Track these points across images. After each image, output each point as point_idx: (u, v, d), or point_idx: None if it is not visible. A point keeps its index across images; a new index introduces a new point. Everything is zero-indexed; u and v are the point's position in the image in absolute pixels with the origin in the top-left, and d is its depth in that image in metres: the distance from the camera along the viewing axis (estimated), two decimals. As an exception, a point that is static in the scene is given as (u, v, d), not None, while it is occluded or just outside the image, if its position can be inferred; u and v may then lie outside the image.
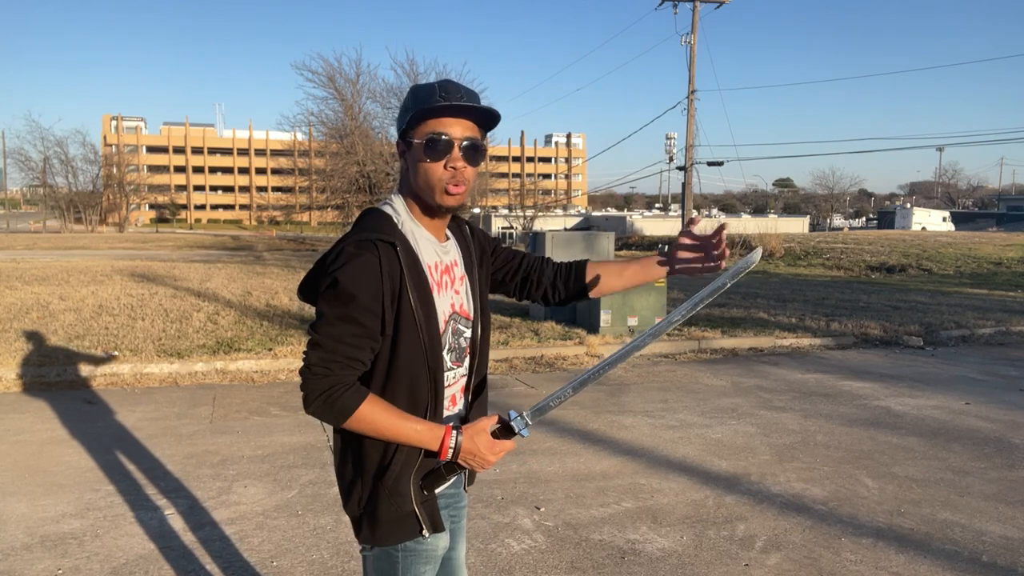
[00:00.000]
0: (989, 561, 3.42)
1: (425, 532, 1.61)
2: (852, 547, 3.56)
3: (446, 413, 1.68)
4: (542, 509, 3.98)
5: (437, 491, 1.66)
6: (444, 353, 1.62)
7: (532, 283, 1.89)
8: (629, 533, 3.70)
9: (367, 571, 1.71)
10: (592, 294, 1.88)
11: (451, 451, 1.55)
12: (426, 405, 1.59)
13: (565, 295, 1.90)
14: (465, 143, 1.54)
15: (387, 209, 1.61)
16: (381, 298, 1.48)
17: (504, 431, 1.59)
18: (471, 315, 1.70)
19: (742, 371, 7.60)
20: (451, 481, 1.66)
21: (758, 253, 1.70)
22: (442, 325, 1.60)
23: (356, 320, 1.47)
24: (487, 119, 1.58)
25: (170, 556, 3.40)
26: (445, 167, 1.53)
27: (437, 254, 1.64)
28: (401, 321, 1.52)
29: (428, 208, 1.60)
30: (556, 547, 3.54)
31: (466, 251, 1.74)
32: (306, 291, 1.69)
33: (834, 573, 3.30)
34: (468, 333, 1.70)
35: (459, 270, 1.69)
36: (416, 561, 1.64)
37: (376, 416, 1.50)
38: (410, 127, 1.54)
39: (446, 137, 1.52)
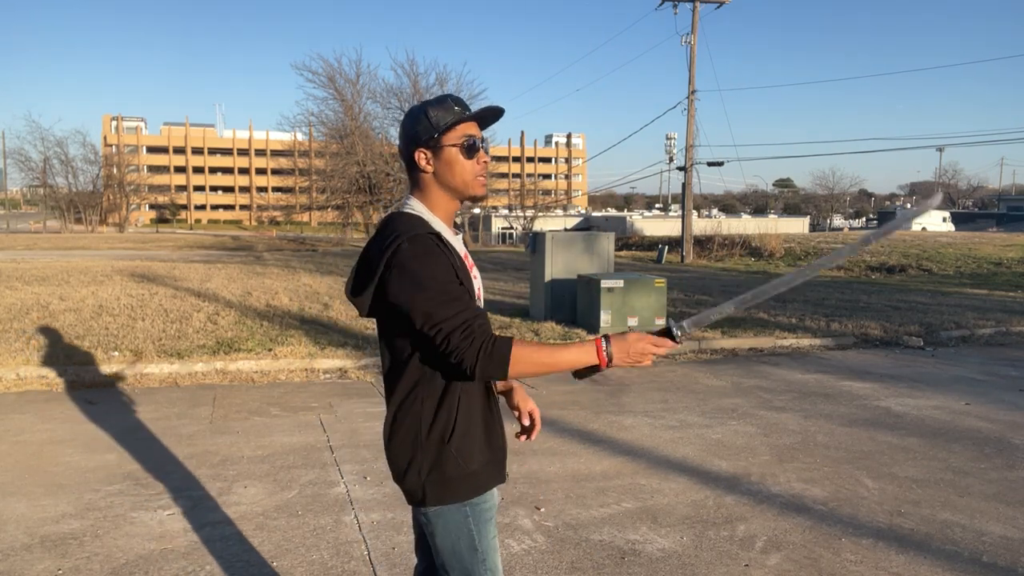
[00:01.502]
0: (989, 561, 3.42)
1: (494, 485, 1.83)
2: (852, 547, 3.56)
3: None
4: (542, 509, 3.98)
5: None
6: None
7: None
8: (629, 533, 3.70)
9: (435, 543, 1.82)
10: None
11: (608, 359, 1.72)
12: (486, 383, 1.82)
13: None
14: (485, 142, 1.86)
15: (415, 212, 1.81)
16: (456, 276, 1.69)
17: (663, 334, 1.78)
18: (481, 301, 1.91)
19: (742, 371, 7.60)
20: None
21: (937, 198, 1.93)
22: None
23: (457, 295, 1.67)
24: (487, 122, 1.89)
25: (170, 556, 3.40)
26: (478, 162, 1.82)
27: (459, 245, 1.86)
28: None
29: (457, 202, 1.85)
30: (556, 547, 3.54)
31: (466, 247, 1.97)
32: (359, 291, 1.79)
33: (834, 573, 3.30)
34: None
35: (470, 260, 1.90)
36: (482, 518, 1.81)
37: (530, 352, 1.67)
38: (443, 133, 1.78)
39: (476, 138, 1.81)
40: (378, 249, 1.71)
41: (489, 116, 1.85)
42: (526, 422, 2.06)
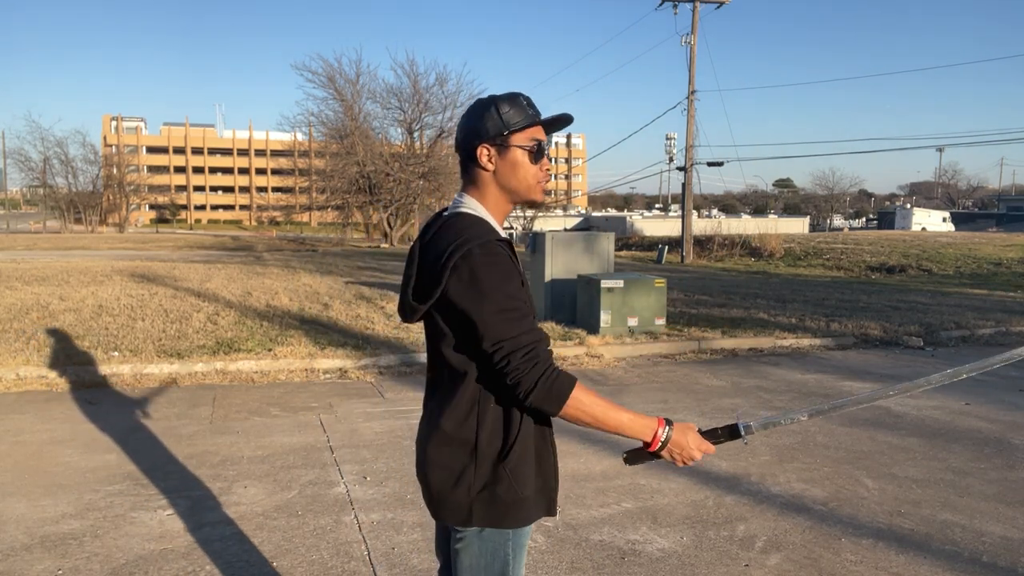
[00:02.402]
0: (989, 562, 3.42)
1: (541, 516, 1.77)
2: (852, 547, 3.56)
3: None
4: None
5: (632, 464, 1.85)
6: None
7: None
8: (629, 533, 3.70)
9: (462, 560, 1.73)
10: None
11: (661, 443, 1.69)
12: None
13: None
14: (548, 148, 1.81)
15: (477, 214, 1.73)
16: (526, 289, 1.67)
17: (727, 433, 1.78)
18: None
19: (742, 371, 7.60)
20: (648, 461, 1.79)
21: None
22: None
23: (526, 314, 1.62)
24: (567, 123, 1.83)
25: (170, 556, 3.40)
26: (541, 169, 1.75)
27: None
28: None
29: (515, 204, 1.79)
30: (556, 547, 3.54)
31: None
32: (423, 298, 1.71)
33: (834, 573, 3.30)
34: None
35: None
36: (521, 546, 1.75)
37: (588, 401, 1.64)
38: (513, 133, 1.71)
39: (543, 144, 1.75)
40: (444, 252, 1.61)
41: (560, 123, 1.76)
42: None
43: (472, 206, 1.72)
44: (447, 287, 1.60)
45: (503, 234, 1.72)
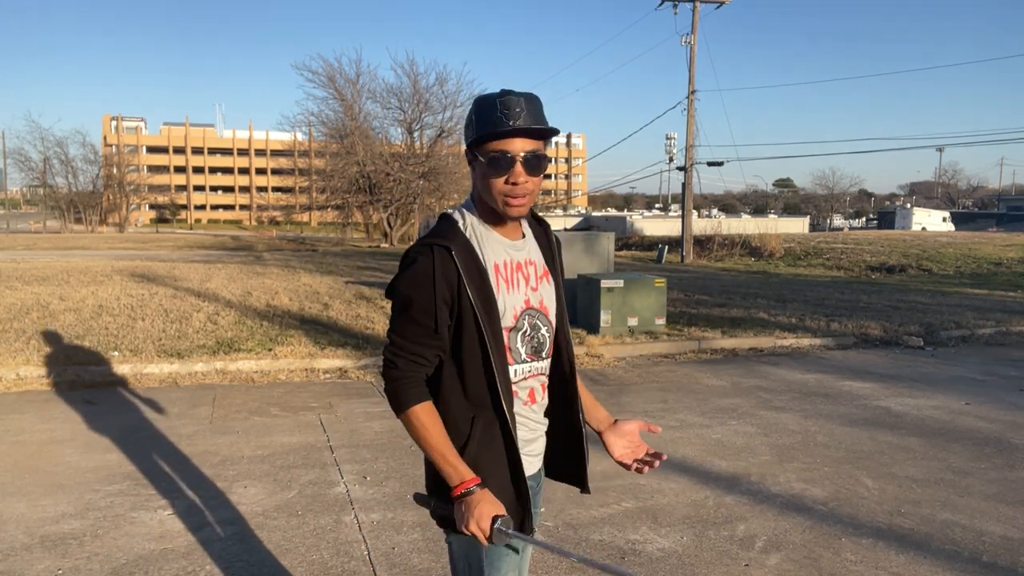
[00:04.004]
0: (989, 561, 3.42)
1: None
2: (852, 547, 3.56)
3: (525, 407, 1.76)
4: (542, 510, 3.98)
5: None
6: (518, 346, 1.72)
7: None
8: (629, 533, 3.70)
9: (455, 558, 1.76)
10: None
11: (462, 493, 1.61)
12: (496, 395, 1.68)
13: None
14: (526, 157, 1.62)
15: (456, 215, 1.74)
16: (434, 299, 1.63)
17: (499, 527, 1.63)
18: (550, 311, 1.80)
19: (742, 371, 7.60)
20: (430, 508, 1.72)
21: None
22: (511, 320, 1.70)
23: (414, 320, 1.65)
24: (549, 132, 1.67)
25: (170, 556, 3.40)
26: (506, 181, 1.63)
27: (508, 252, 1.73)
28: (463, 317, 1.65)
29: (494, 215, 1.71)
30: (556, 547, 3.53)
31: (548, 251, 1.84)
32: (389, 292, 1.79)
33: (834, 573, 3.30)
34: (545, 329, 1.78)
35: (538, 268, 1.79)
36: (497, 553, 1.69)
37: (425, 422, 1.64)
38: (477, 142, 1.64)
39: (509, 155, 1.61)
40: (403, 256, 1.73)
41: (540, 134, 1.63)
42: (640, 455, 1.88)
43: (463, 211, 1.74)
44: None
45: (487, 239, 1.70)
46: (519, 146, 1.61)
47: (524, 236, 1.79)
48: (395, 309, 1.68)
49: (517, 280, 1.72)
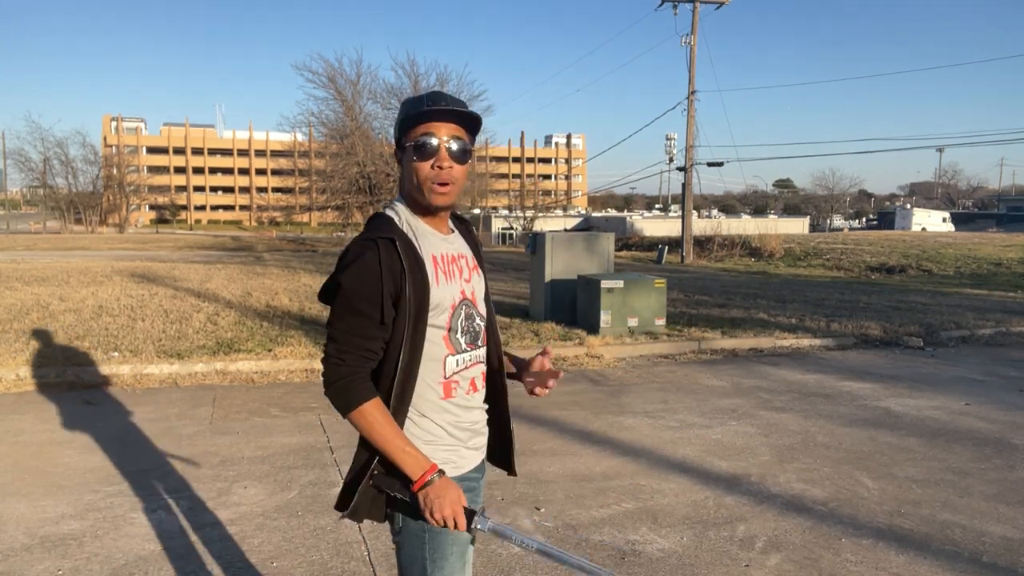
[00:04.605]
0: (989, 562, 3.41)
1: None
2: (852, 548, 3.55)
3: (467, 396, 1.78)
4: (542, 510, 3.98)
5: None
6: (458, 336, 1.75)
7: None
8: (629, 534, 3.69)
9: (399, 559, 1.75)
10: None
11: (425, 484, 1.62)
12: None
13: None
14: (451, 143, 1.67)
15: (389, 212, 1.76)
16: (381, 290, 1.62)
17: (467, 515, 1.63)
18: (479, 303, 1.84)
19: (742, 372, 7.60)
20: (392, 495, 1.69)
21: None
22: (449, 311, 1.73)
23: (362, 312, 1.63)
24: (472, 122, 1.72)
25: (170, 557, 3.40)
26: (432, 167, 1.67)
27: (442, 245, 1.77)
28: (406, 308, 1.65)
29: (423, 208, 1.73)
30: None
31: (474, 247, 1.89)
32: (325, 294, 1.76)
33: (834, 573, 3.30)
34: (479, 319, 1.82)
35: (469, 261, 1.83)
36: (443, 541, 1.71)
37: (379, 418, 1.63)
38: (403, 133, 1.69)
39: (435, 139, 1.66)
40: (342, 254, 1.70)
41: (468, 119, 1.68)
42: (536, 368, 1.89)
43: (397, 208, 1.76)
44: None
45: (422, 232, 1.72)
46: (444, 131, 1.67)
47: (453, 231, 1.84)
48: (338, 305, 1.65)
49: (453, 272, 1.75)
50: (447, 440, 1.75)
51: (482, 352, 1.83)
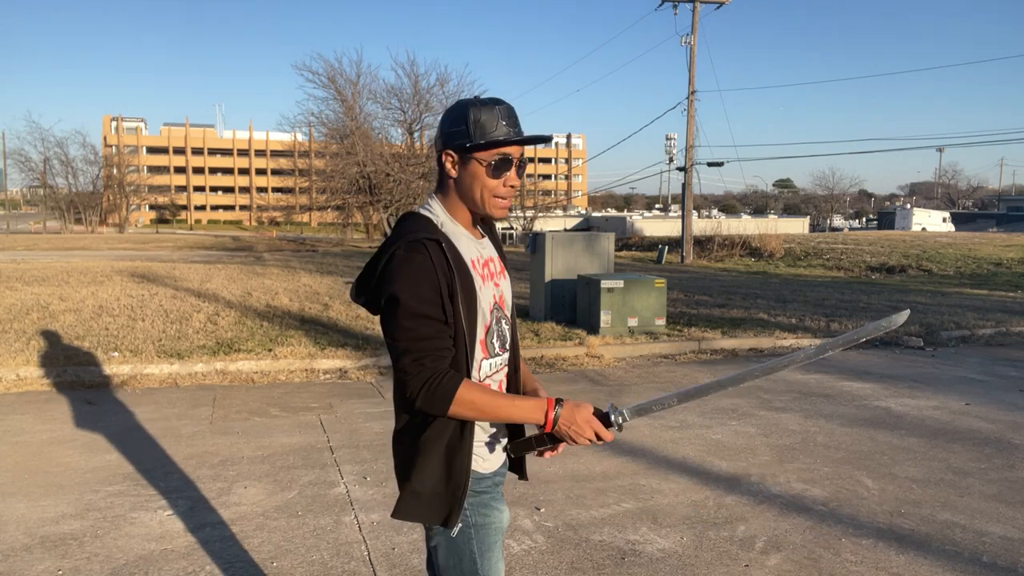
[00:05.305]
0: (989, 562, 3.42)
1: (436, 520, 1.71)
2: (852, 548, 3.56)
3: None
4: (542, 510, 3.98)
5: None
6: (493, 340, 1.77)
7: None
8: (629, 534, 3.70)
9: (440, 558, 1.76)
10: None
11: (553, 421, 1.66)
12: None
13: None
14: (520, 162, 1.75)
15: (425, 213, 1.74)
16: (439, 291, 1.61)
17: (600, 419, 1.69)
18: (507, 306, 1.87)
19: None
20: (540, 449, 1.74)
21: (903, 316, 1.72)
22: (488, 315, 1.75)
23: (427, 315, 1.61)
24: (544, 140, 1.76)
25: (170, 557, 3.40)
26: (504, 184, 1.72)
27: (477, 249, 1.78)
28: (453, 311, 1.65)
29: (474, 214, 1.77)
30: (556, 548, 3.54)
31: (499, 250, 1.90)
32: (360, 292, 1.74)
33: (834, 574, 3.30)
34: (506, 323, 1.83)
35: (496, 265, 1.85)
36: (488, 532, 1.74)
37: (476, 396, 1.62)
38: (477, 147, 1.68)
39: (512, 159, 1.71)
40: (382, 250, 1.66)
41: (533, 143, 1.73)
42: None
43: (432, 207, 1.75)
44: (376, 284, 1.65)
45: (458, 235, 1.72)
46: (516, 152, 1.72)
47: (483, 235, 1.84)
48: (401, 316, 1.60)
49: (486, 275, 1.77)
50: (481, 436, 1.76)
51: (508, 356, 1.85)
